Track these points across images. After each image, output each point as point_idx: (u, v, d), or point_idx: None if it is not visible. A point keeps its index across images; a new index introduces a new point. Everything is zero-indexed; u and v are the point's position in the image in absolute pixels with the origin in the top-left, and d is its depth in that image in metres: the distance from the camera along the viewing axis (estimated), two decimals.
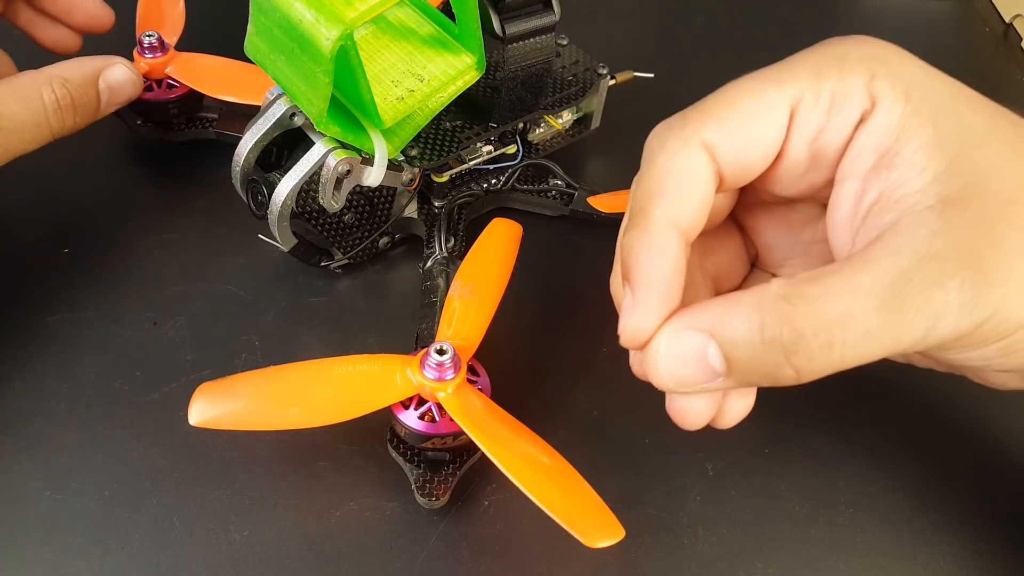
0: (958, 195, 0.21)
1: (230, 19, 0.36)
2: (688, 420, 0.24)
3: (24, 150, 0.33)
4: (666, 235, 0.23)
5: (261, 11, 0.30)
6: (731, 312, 0.21)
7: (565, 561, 0.29)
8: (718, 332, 0.21)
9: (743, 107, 0.23)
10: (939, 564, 0.30)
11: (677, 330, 0.22)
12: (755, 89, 0.23)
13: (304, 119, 0.33)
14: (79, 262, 0.37)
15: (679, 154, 0.23)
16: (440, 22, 0.35)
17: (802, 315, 0.20)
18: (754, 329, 0.21)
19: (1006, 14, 0.57)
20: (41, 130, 0.33)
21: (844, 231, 0.24)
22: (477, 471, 0.31)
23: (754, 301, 0.21)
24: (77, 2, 0.39)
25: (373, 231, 0.37)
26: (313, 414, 0.28)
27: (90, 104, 0.35)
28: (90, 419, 0.32)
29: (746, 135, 0.23)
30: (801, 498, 0.32)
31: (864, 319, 0.20)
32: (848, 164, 0.23)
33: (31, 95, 0.32)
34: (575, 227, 0.41)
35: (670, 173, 0.23)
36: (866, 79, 0.23)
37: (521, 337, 0.36)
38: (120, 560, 0.29)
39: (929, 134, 0.22)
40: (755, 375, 0.21)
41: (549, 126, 0.42)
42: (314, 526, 0.30)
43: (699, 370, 0.22)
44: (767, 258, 0.29)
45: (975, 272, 0.21)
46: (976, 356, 0.23)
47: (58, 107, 0.33)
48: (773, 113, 0.23)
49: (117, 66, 0.36)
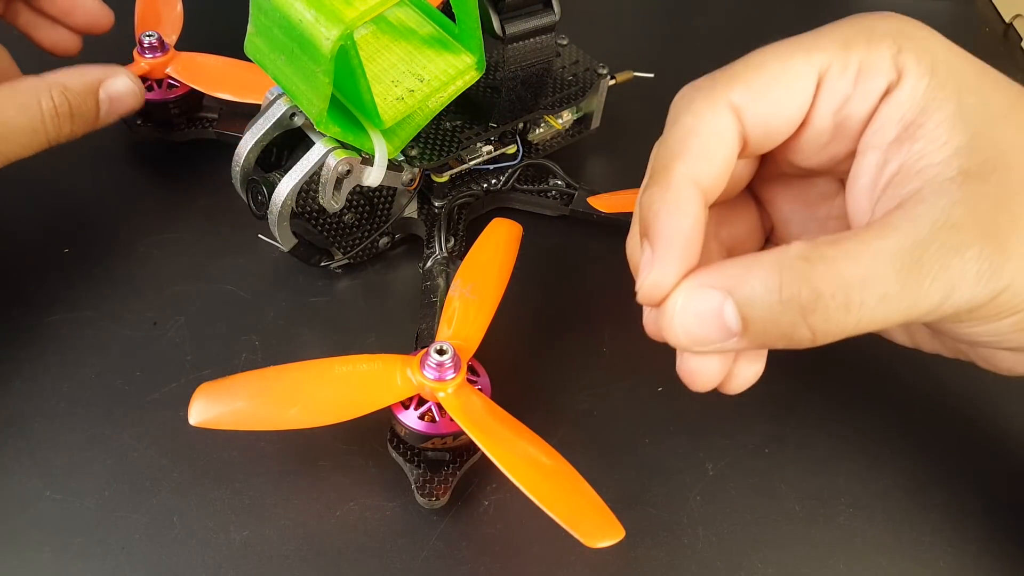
0: (979, 169, 0.21)
1: (230, 19, 0.36)
2: (698, 381, 0.24)
3: (19, 155, 0.33)
4: (688, 192, 0.23)
5: (261, 11, 0.30)
6: (750, 271, 0.21)
7: (565, 561, 0.29)
8: (736, 290, 0.21)
9: (772, 71, 0.23)
10: (939, 564, 0.30)
11: (695, 287, 0.22)
12: (784, 55, 0.24)
13: (304, 119, 0.33)
14: (79, 262, 0.37)
15: (705, 114, 0.23)
16: (440, 22, 0.35)
17: (821, 275, 0.21)
18: (773, 288, 0.21)
19: (1006, 14, 0.57)
20: (37, 136, 0.33)
21: (864, 201, 0.24)
22: (477, 471, 0.31)
23: (773, 261, 0.21)
24: (77, 3, 0.39)
25: (373, 231, 0.37)
26: (313, 414, 0.28)
27: (88, 113, 0.35)
28: (90, 419, 0.32)
29: (774, 99, 0.23)
30: (801, 498, 0.32)
31: (882, 282, 0.21)
32: (871, 135, 0.23)
33: (29, 101, 0.32)
34: (575, 227, 0.41)
35: (695, 132, 0.23)
36: (893, 52, 0.23)
37: (521, 337, 0.36)
38: (120, 560, 0.29)
39: (952, 108, 0.22)
40: (771, 335, 0.22)
41: (549, 126, 0.42)
42: (314, 526, 0.30)
43: (715, 328, 0.22)
44: (782, 232, 0.29)
45: (993, 243, 0.21)
46: (989, 331, 0.23)
47: (56, 114, 0.33)
48: (801, 79, 0.23)
49: (120, 77, 0.35)
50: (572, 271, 0.39)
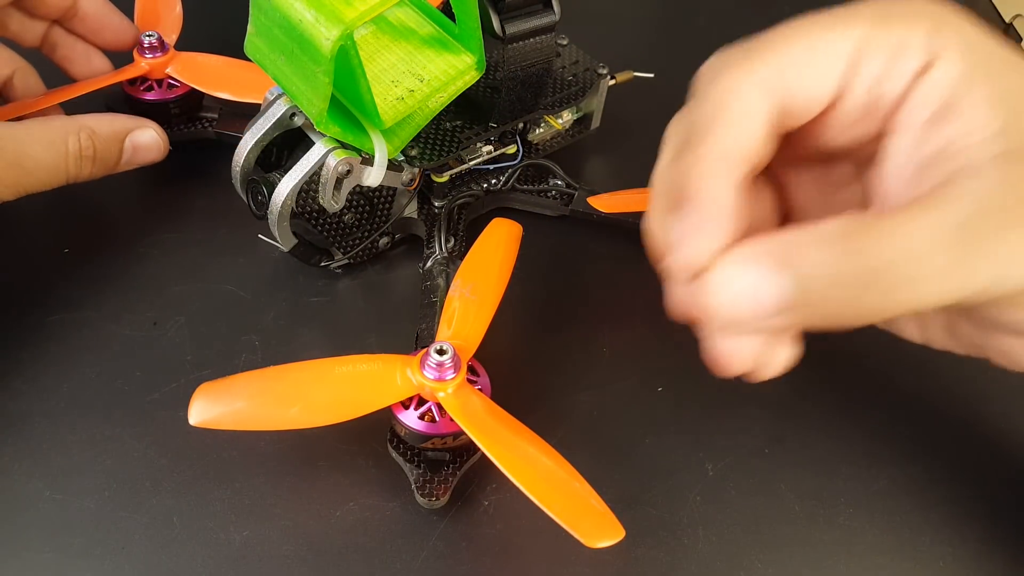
0: (1019, 150, 0.21)
1: (230, 19, 0.36)
2: (732, 364, 0.23)
3: (37, 189, 0.34)
4: (724, 163, 0.22)
5: (261, 11, 0.30)
6: (806, 241, 0.20)
7: (565, 561, 0.29)
8: (791, 261, 0.20)
9: (806, 45, 0.23)
10: (939, 564, 0.30)
11: (741, 259, 0.21)
12: (819, 29, 0.23)
13: (304, 119, 0.33)
14: (79, 262, 0.37)
15: (737, 90, 0.23)
16: (440, 22, 0.35)
17: (880, 249, 0.20)
18: (831, 261, 0.20)
19: (1006, 14, 0.57)
20: (58, 174, 0.34)
21: (897, 181, 0.23)
22: (477, 471, 0.31)
23: (831, 232, 0.20)
24: (105, 23, 0.40)
25: (373, 231, 0.37)
26: (313, 414, 0.28)
27: (111, 159, 0.36)
28: (90, 419, 0.32)
29: (807, 75, 0.23)
30: (801, 498, 0.32)
31: (938, 257, 0.20)
32: (905, 114, 0.23)
33: (57, 140, 0.34)
34: (575, 227, 0.41)
35: (726, 108, 0.23)
36: (928, 31, 0.22)
37: (521, 337, 0.36)
38: (120, 560, 0.29)
39: (988, 91, 0.22)
40: (823, 312, 0.21)
41: (549, 126, 0.42)
42: (314, 526, 0.30)
43: (763, 303, 0.21)
44: (799, 219, 0.28)
45: None
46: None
47: (80, 156, 0.34)
48: (836, 56, 0.23)
49: (148, 130, 0.37)
50: (572, 271, 0.39)
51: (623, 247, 0.39)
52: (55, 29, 0.40)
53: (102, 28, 0.40)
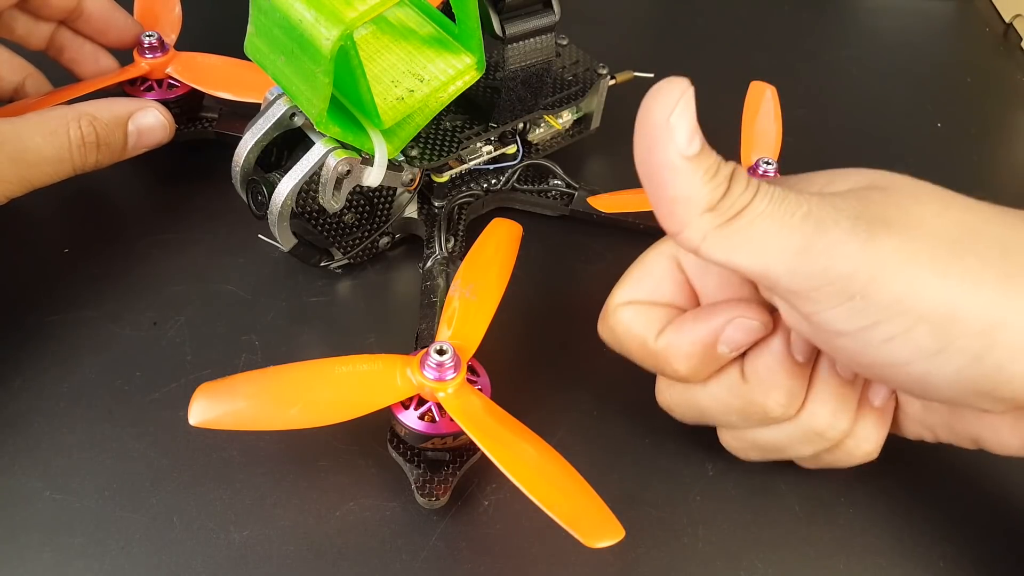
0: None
1: (230, 19, 0.36)
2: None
3: (44, 183, 0.33)
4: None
5: (261, 11, 0.30)
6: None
7: (565, 561, 0.29)
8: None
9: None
10: (939, 564, 0.30)
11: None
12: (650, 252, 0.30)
13: (304, 119, 0.33)
14: (79, 262, 0.37)
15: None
16: (440, 22, 0.35)
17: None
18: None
19: (1006, 14, 0.57)
20: (63, 165, 0.34)
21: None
22: (477, 471, 0.31)
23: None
24: (111, 23, 0.40)
25: (373, 231, 0.37)
26: (313, 414, 0.28)
27: (116, 144, 0.35)
28: (90, 419, 0.32)
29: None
30: (801, 498, 0.32)
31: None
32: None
33: (58, 130, 0.33)
34: (575, 227, 0.41)
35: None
36: None
37: (521, 337, 0.36)
38: (120, 560, 0.29)
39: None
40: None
41: (549, 126, 0.42)
42: (314, 526, 0.30)
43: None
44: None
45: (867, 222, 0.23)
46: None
47: (82, 144, 0.34)
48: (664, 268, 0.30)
49: (149, 110, 0.36)
50: (572, 271, 0.39)
51: (623, 247, 0.39)
52: (61, 31, 0.40)
53: (108, 27, 0.40)
